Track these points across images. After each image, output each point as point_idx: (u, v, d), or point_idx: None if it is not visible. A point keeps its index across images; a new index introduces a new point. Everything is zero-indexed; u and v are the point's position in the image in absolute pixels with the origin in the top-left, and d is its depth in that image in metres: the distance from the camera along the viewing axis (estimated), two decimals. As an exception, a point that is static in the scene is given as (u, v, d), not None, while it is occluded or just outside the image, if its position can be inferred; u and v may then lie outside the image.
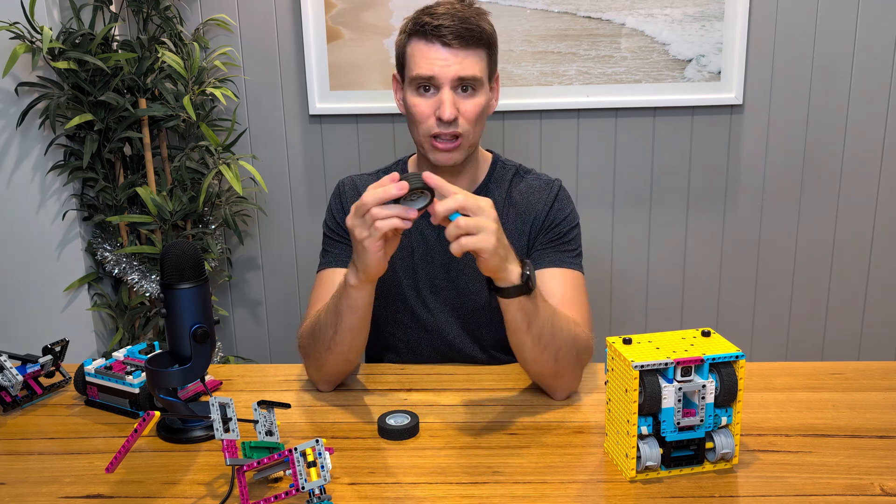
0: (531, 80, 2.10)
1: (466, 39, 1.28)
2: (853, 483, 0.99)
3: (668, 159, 2.18)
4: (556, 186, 1.43)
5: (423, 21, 1.29)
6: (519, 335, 1.17)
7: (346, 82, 2.15)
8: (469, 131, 1.32)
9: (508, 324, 1.17)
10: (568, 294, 1.32)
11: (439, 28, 1.27)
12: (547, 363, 1.19)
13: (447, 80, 1.29)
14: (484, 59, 1.32)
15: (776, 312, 2.28)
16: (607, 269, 2.27)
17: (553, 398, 1.24)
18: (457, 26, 1.27)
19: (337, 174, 2.21)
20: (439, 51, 1.29)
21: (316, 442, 0.93)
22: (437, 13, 1.29)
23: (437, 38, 1.28)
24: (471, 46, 1.29)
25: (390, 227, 1.06)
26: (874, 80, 2.10)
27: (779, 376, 1.30)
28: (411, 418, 1.15)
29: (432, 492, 1.00)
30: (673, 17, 2.06)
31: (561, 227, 1.39)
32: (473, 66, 1.30)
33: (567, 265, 1.36)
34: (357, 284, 1.15)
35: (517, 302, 1.13)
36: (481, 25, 1.30)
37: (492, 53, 1.34)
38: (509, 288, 1.11)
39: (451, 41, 1.28)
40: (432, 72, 1.29)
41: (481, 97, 1.32)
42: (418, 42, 1.30)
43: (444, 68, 1.28)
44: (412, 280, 1.42)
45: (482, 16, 1.32)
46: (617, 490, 0.99)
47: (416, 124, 1.34)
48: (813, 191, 2.19)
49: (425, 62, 1.29)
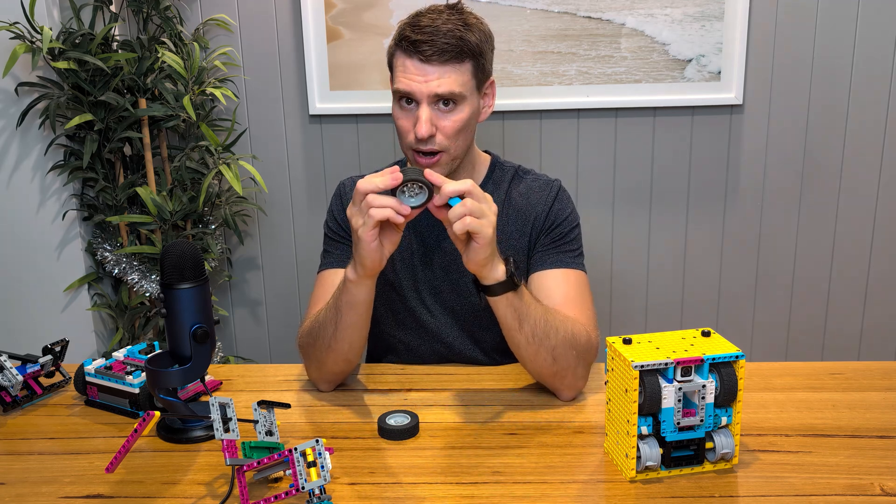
0: (531, 80, 2.10)
1: (446, 54, 1.25)
2: (853, 483, 0.99)
3: (668, 159, 2.18)
4: (555, 187, 1.43)
5: (405, 34, 1.27)
6: (512, 334, 1.19)
7: (346, 82, 2.15)
8: (449, 146, 1.30)
9: (501, 323, 1.19)
10: (570, 294, 1.32)
11: (418, 43, 1.25)
12: (544, 362, 1.20)
13: (424, 97, 1.26)
14: (467, 72, 1.28)
15: (776, 312, 2.28)
16: (607, 269, 2.27)
17: (559, 398, 1.24)
18: (437, 41, 1.24)
19: (337, 174, 2.21)
20: (418, 66, 1.26)
21: (316, 442, 0.93)
22: (421, 25, 1.26)
23: (415, 53, 1.26)
24: (451, 62, 1.26)
25: (383, 216, 1.08)
26: (874, 80, 2.10)
27: (779, 376, 1.30)
28: (411, 418, 1.15)
29: (432, 492, 1.00)
30: (673, 17, 2.06)
31: (562, 227, 1.39)
32: (452, 83, 1.26)
33: (569, 265, 1.36)
34: (356, 279, 1.16)
35: (505, 299, 1.15)
36: (464, 37, 1.25)
37: (479, 63, 1.30)
38: (495, 285, 1.14)
39: (430, 56, 1.25)
40: (409, 88, 1.27)
41: (463, 112, 1.29)
42: (401, 55, 1.29)
43: (422, 84, 1.26)
44: (412, 282, 1.43)
45: (469, 26, 1.28)
46: (617, 490, 0.99)
47: (400, 137, 1.34)
48: (813, 190, 2.19)
49: (404, 77, 1.27)
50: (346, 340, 1.23)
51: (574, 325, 1.23)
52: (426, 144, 1.29)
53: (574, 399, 1.24)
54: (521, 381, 1.31)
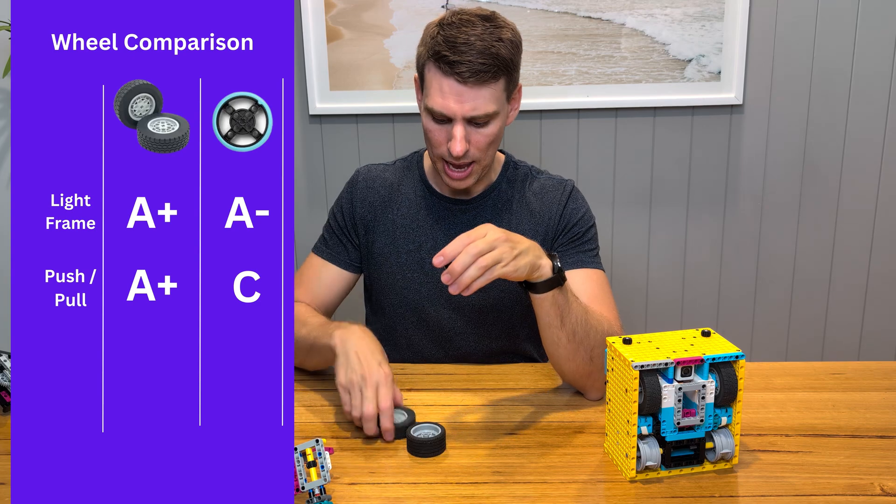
0: (531, 80, 2.10)
1: (483, 75, 1.24)
2: (853, 483, 0.99)
3: (668, 159, 2.18)
4: (568, 187, 1.44)
5: (441, 53, 1.24)
6: (553, 331, 1.17)
7: (346, 82, 2.15)
8: (481, 157, 1.32)
9: (542, 320, 1.17)
10: (595, 293, 1.33)
11: (455, 64, 1.23)
12: (582, 361, 1.19)
13: (460, 116, 1.26)
14: (501, 88, 1.28)
15: (776, 312, 2.28)
16: (607, 269, 2.25)
17: (587, 398, 1.24)
18: (475, 61, 1.23)
19: (337, 174, 2.21)
20: (454, 87, 1.25)
21: (316, 442, 0.93)
22: (457, 44, 1.23)
23: (452, 74, 1.24)
24: (487, 82, 1.25)
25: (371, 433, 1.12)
26: (874, 80, 2.10)
27: (779, 376, 1.30)
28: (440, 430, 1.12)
29: (432, 492, 1.00)
30: (673, 17, 2.06)
31: (578, 227, 1.40)
32: (488, 104, 1.26)
33: (589, 265, 1.37)
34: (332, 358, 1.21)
35: (550, 297, 1.14)
36: (499, 55, 1.24)
37: (511, 75, 1.29)
38: (542, 283, 1.12)
39: (468, 79, 1.24)
40: (446, 108, 1.26)
41: (496, 126, 1.30)
42: (436, 71, 1.26)
43: (458, 104, 1.25)
44: (419, 274, 1.42)
45: (502, 40, 1.25)
46: (617, 490, 0.99)
47: (429, 144, 1.34)
48: (813, 190, 2.19)
49: (440, 95, 1.26)
50: (320, 366, 1.32)
51: (609, 324, 1.24)
52: (459, 160, 1.30)
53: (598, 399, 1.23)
54: (521, 382, 1.31)
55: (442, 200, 1.43)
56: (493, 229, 1.08)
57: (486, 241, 1.05)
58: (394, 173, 1.48)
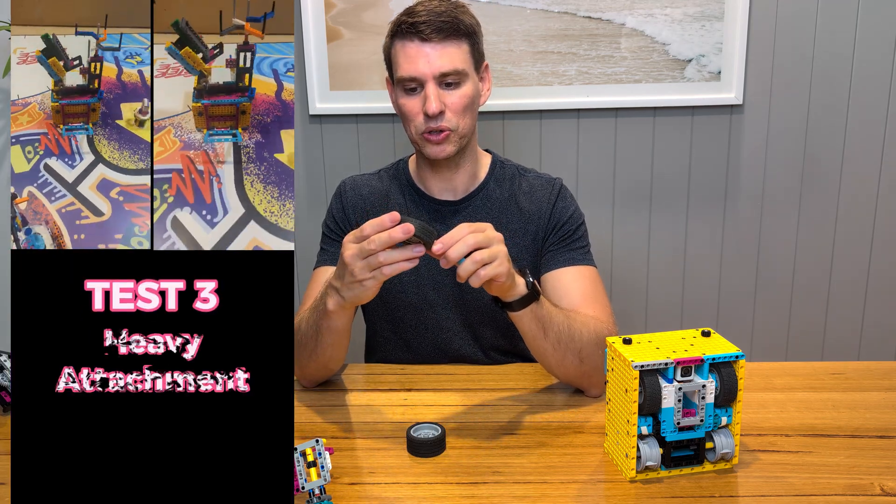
0: (531, 80, 2.10)
1: (444, 32, 1.30)
2: (853, 483, 0.99)
3: (668, 159, 2.18)
4: (557, 185, 1.44)
5: (402, 21, 1.32)
6: (538, 343, 1.18)
7: (346, 82, 2.15)
8: (458, 124, 1.33)
9: (526, 335, 1.18)
10: (587, 290, 1.33)
11: (416, 25, 1.30)
12: (572, 365, 1.20)
13: (430, 76, 1.30)
14: (466, 50, 1.33)
15: (776, 313, 2.28)
16: (607, 269, 2.27)
17: (588, 395, 1.25)
18: (434, 20, 1.29)
19: (337, 174, 2.21)
20: (420, 47, 1.30)
21: (316, 442, 0.94)
22: (416, 11, 1.32)
23: (415, 34, 1.30)
24: (450, 38, 1.31)
25: (398, 270, 1.05)
26: (874, 80, 2.10)
27: (779, 376, 1.30)
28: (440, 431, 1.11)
29: (432, 492, 1.00)
30: (673, 17, 2.06)
31: (567, 225, 1.40)
32: (454, 59, 1.31)
33: (580, 262, 1.37)
34: (338, 310, 1.14)
35: (529, 311, 1.14)
36: (459, 17, 1.32)
37: (474, 43, 1.35)
38: (518, 300, 1.12)
39: (430, 35, 1.29)
40: (416, 70, 1.30)
41: (467, 88, 1.33)
42: (400, 42, 1.33)
43: (426, 64, 1.30)
44: (415, 275, 1.42)
45: (460, 8, 1.34)
46: (617, 490, 0.99)
47: (407, 123, 1.36)
48: (813, 190, 2.19)
49: (407, 61, 1.31)
50: (327, 354, 1.24)
51: (596, 323, 1.23)
52: (436, 122, 1.31)
53: (598, 396, 1.24)
54: (521, 381, 1.31)
55: (432, 202, 1.43)
56: (492, 228, 1.09)
57: (485, 235, 1.06)
58: (380, 181, 1.49)
